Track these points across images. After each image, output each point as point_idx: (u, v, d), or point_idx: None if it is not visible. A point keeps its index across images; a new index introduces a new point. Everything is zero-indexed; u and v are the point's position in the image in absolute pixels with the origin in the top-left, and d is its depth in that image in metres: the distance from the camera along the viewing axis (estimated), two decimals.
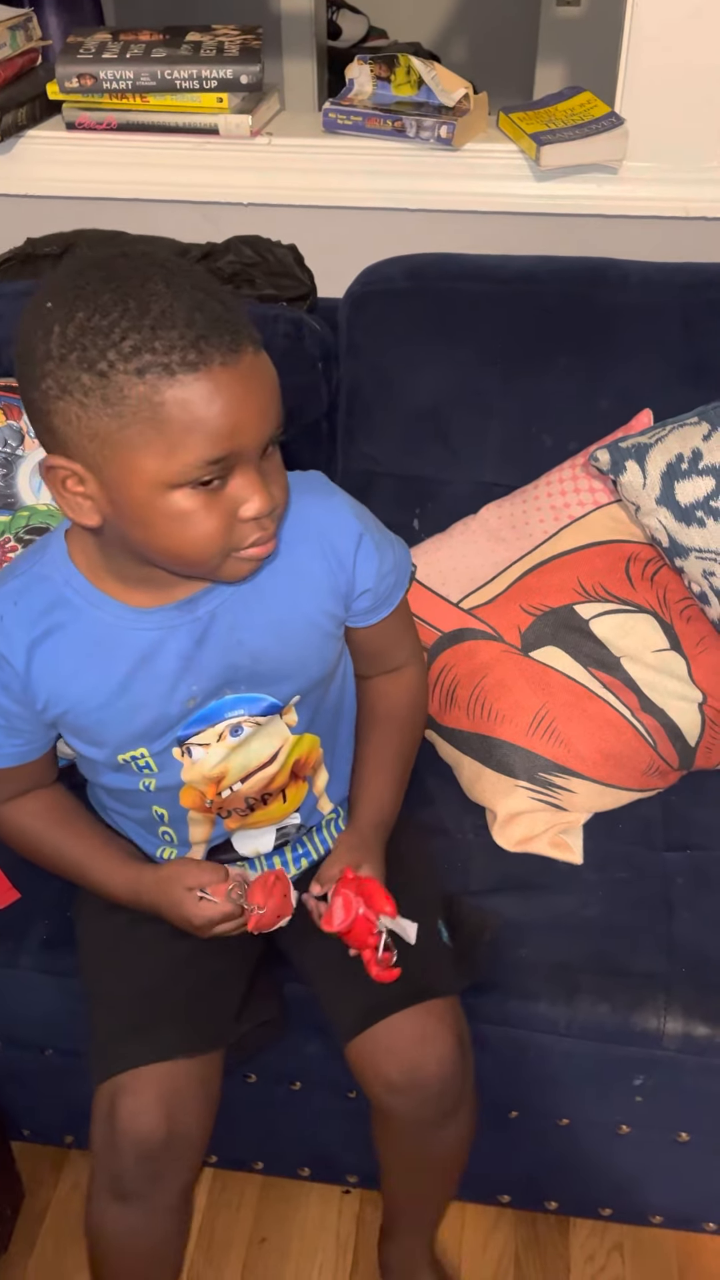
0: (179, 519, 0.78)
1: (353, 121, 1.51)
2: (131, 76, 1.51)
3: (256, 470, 0.79)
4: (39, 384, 0.76)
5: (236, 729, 0.94)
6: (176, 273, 0.75)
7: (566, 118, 1.48)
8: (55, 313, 0.74)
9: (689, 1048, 1.03)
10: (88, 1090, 1.25)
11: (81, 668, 0.89)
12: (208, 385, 0.73)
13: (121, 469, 0.76)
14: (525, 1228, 1.33)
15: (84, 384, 0.74)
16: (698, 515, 1.20)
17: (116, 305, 0.73)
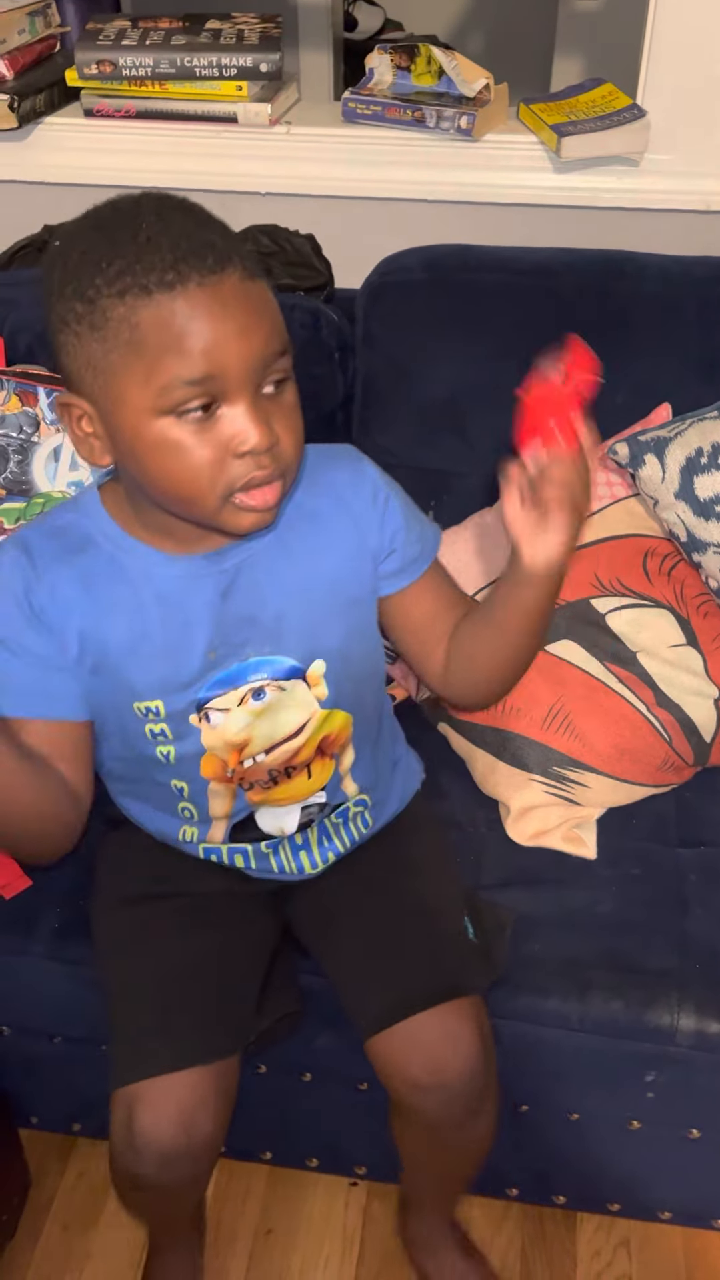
0: (168, 450, 0.76)
1: (372, 111, 1.51)
2: (151, 63, 1.50)
3: (250, 402, 0.76)
4: (50, 322, 0.78)
5: (259, 692, 0.92)
6: (172, 206, 0.77)
7: (588, 109, 1.47)
8: (61, 250, 0.77)
9: (702, 1045, 1.03)
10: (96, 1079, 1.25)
11: (109, 608, 0.88)
12: (183, 304, 0.73)
13: (112, 398, 0.76)
14: (532, 1223, 1.33)
15: (77, 312, 0.75)
16: (716, 510, 1.19)
17: (108, 236, 0.75)
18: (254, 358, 0.75)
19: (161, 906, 1.01)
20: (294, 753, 0.96)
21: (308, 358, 1.40)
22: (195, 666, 0.90)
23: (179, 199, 0.79)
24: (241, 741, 0.93)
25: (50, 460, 1.29)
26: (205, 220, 0.78)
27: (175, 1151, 0.93)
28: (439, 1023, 0.94)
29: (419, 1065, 0.94)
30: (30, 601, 0.86)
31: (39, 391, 1.29)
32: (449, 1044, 0.94)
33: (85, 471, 1.29)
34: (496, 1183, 1.27)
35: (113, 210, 0.78)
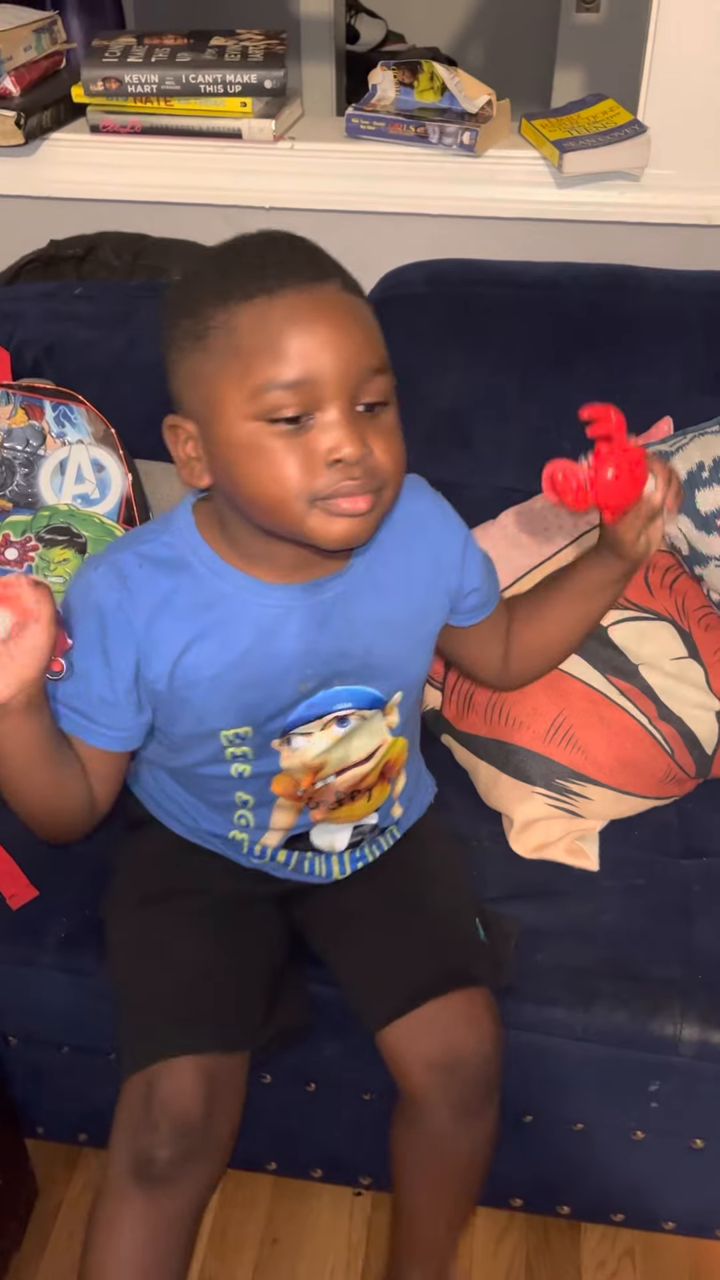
0: (257, 454, 0.77)
1: (375, 127, 1.52)
2: (156, 80, 1.52)
3: (342, 411, 0.76)
4: (162, 346, 0.82)
5: (343, 720, 0.93)
6: (279, 235, 0.81)
7: (589, 125, 1.48)
8: (173, 286, 0.83)
9: (705, 1055, 1.03)
10: (103, 1088, 1.26)
11: (201, 636, 0.87)
12: (281, 307, 0.75)
13: (210, 405, 0.78)
14: (536, 1233, 1.33)
15: (183, 328, 0.79)
16: (718, 524, 1.20)
17: (217, 262, 0.79)
18: (349, 367, 0.76)
19: (180, 905, 1.02)
20: (362, 777, 0.98)
21: None
22: (287, 696, 0.90)
23: (287, 233, 0.82)
24: (319, 765, 0.95)
25: (56, 473, 1.30)
26: (309, 245, 0.81)
27: (195, 1125, 0.91)
28: (456, 1006, 0.96)
29: (437, 1046, 0.95)
30: (114, 628, 0.86)
31: (45, 405, 1.30)
32: (467, 1026, 0.96)
33: (91, 484, 1.30)
34: (500, 1192, 1.27)
35: (224, 245, 0.82)
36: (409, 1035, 0.97)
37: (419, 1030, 0.96)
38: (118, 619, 0.86)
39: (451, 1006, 0.96)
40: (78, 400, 1.31)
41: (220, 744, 0.92)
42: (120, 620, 0.86)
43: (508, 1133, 1.16)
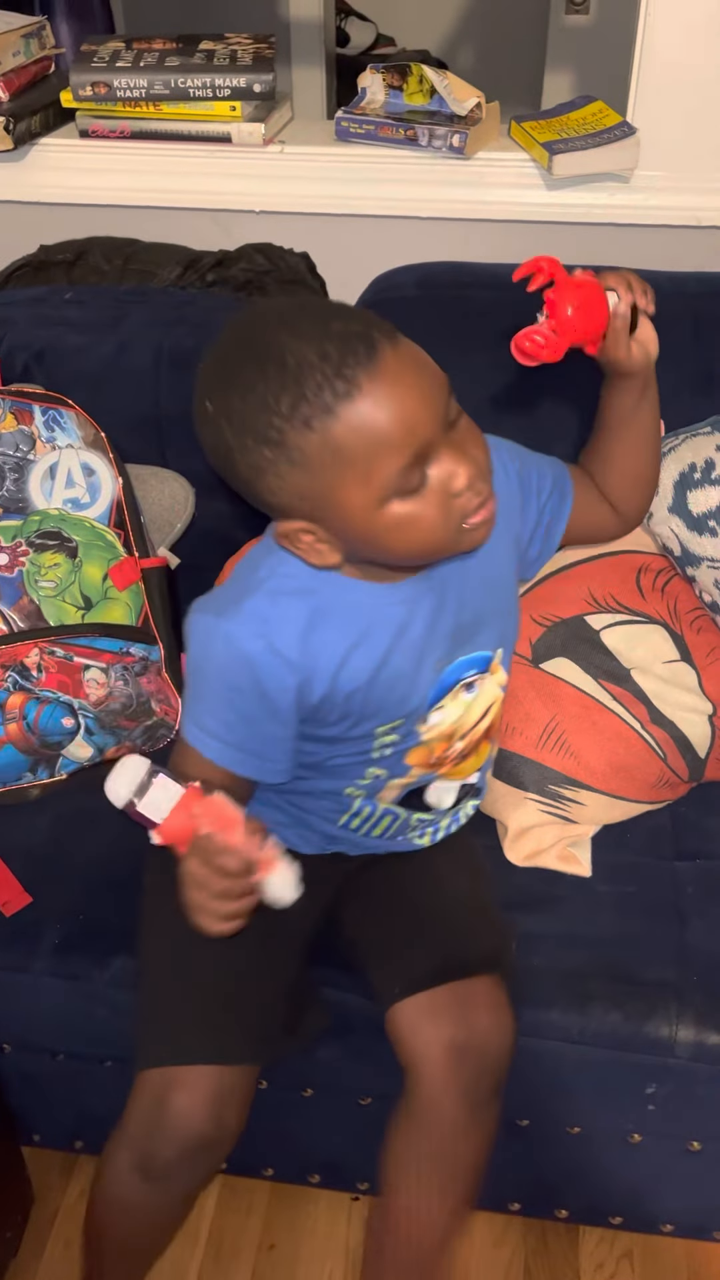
0: (404, 525, 0.81)
1: (365, 130, 1.52)
2: (145, 85, 1.52)
3: (449, 446, 0.80)
4: (239, 472, 0.82)
5: (470, 686, 0.98)
6: (292, 316, 0.80)
7: (579, 127, 1.48)
8: (218, 410, 0.80)
9: (701, 1056, 1.03)
10: (98, 1095, 1.25)
11: (348, 649, 0.90)
12: (368, 404, 0.76)
13: (335, 511, 0.81)
14: (534, 1236, 1.33)
15: (268, 457, 0.79)
16: (710, 525, 1.20)
17: (259, 376, 0.77)
18: (439, 410, 0.79)
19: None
20: (482, 733, 1.03)
21: None
22: (427, 680, 0.95)
23: (283, 301, 0.83)
24: (452, 732, 0.99)
25: (46, 478, 1.30)
26: (323, 311, 0.81)
27: (203, 1140, 0.94)
28: (482, 991, 0.97)
29: (461, 1027, 0.95)
30: (270, 670, 0.88)
31: (34, 409, 1.30)
32: (492, 1012, 0.97)
33: (82, 489, 1.30)
34: (498, 1197, 1.27)
35: (237, 342, 0.80)
36: (430, 1014, 0.96)
37: (441, 1009, 0.96)
38: (271, 660, 0.88)
39: (478, 990, 0.97)
40: (67, 405, 1.30)
41: (372, 740, 0.96)
42: (274, 661, 0.88)
43: (505, 1137, 1.16)
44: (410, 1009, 0.98)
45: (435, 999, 0.97)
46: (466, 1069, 0.96)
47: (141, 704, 1.29)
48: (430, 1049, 0.96)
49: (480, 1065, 0.96)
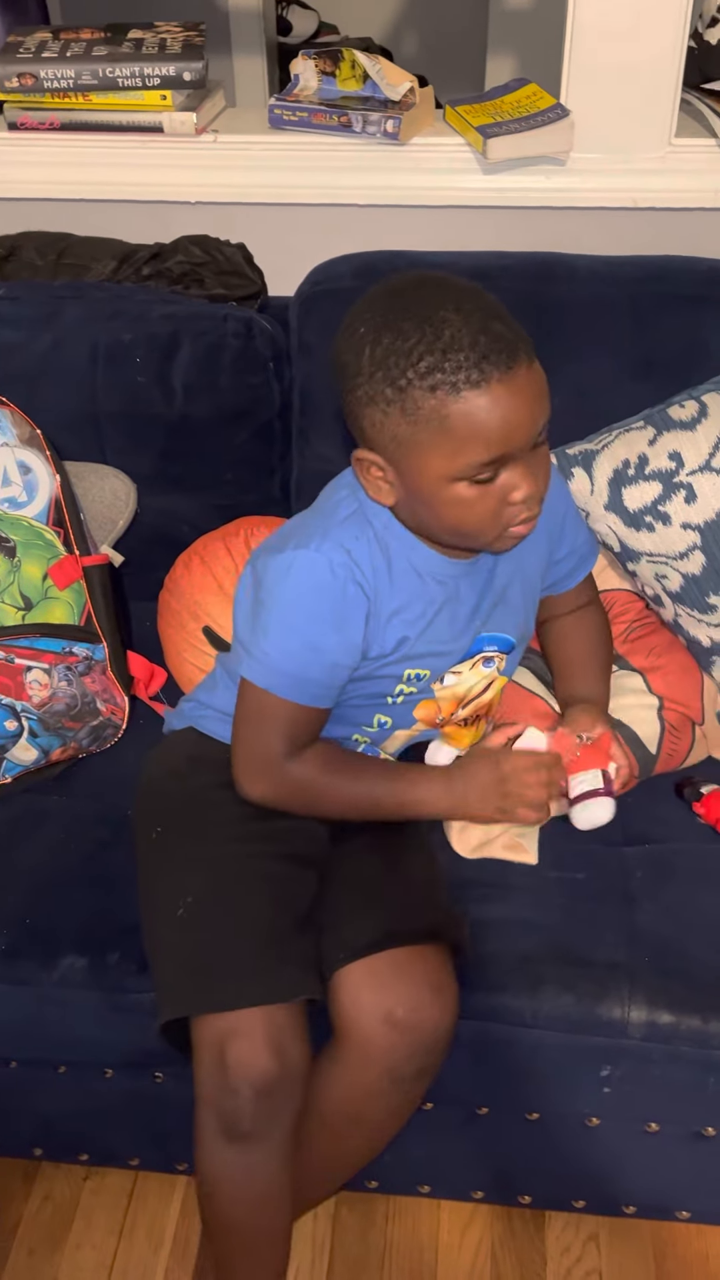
0: (460, 505, 0.92)
1: (298, 117, 1.50)
2: (73, 75, 1.49)
3: (525, 463, 0.92)
4: (354, 393, 0.91)
5: (489, 660, 1.09)
6: (466, 299, 0.88)
7: (513, 110, 1.48)
8: (366, 337, 0.89)
9: (654, 1036, 1.03)
10: (54, 1101, 1.24)
11: (408, 598, 1.01)
12: (487, 399, 0.87)
13: (414, 464, 0.91)
14: (501, 1223, 1.33)
15: (386, 396, 0.89)
16: (646, 520, 1.21)
17: (415, 332, 0.87)
18: (533, 431, 0.91)
19: (250, 849, 1.04)
20: (484, 706, 1.13)
21: (242, 367, 1.40)
22: (465, 641, 1.06)
23: (465, 284, 0.91)
24: (464, 696, 1.09)
25: None
26: (491, 309, 0.89)
27: (271, 1081, 0.94)
28: (428, 965, 0.98)
29: (402, 1001, 0.96)
30: (348, 599, 0.98)
31: None
32: (432, 989, 0.97)
33: (18, 487, 1.27)
34: (461, 1186, 1.27)
35: (410, 297, 0.89)
36: (369, 984, 0.97)
37: (382, 979, 0.97)
38: (351, 587, 0.98)
39: (420, 964, 0.98)
40: (1, 402, 1.28)
41: (397, 682, 1.05)
42: (353, 589, 0.98)
43: (464, 1125, 1.17)
44: (351, 976, 0.98)
45: (376, 967, 0.97)
46: (397, 1046, 0.96)
47: (86, 704, 1.27)
48: (363, 1020, 0.97)
49: (412, 1043, 0.96)
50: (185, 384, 1.38)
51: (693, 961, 1.06)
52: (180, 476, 1.44)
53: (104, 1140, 1.29)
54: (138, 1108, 1.22)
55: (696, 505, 1.20)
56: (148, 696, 1.36)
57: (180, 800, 1.11)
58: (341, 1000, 0.98)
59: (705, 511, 1.19)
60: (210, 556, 1.38)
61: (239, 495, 1.46)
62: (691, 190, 1.47)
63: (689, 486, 1.19)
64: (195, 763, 1.13)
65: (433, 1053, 0.98)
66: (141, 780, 1.16)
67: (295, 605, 0.99)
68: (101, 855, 1.17)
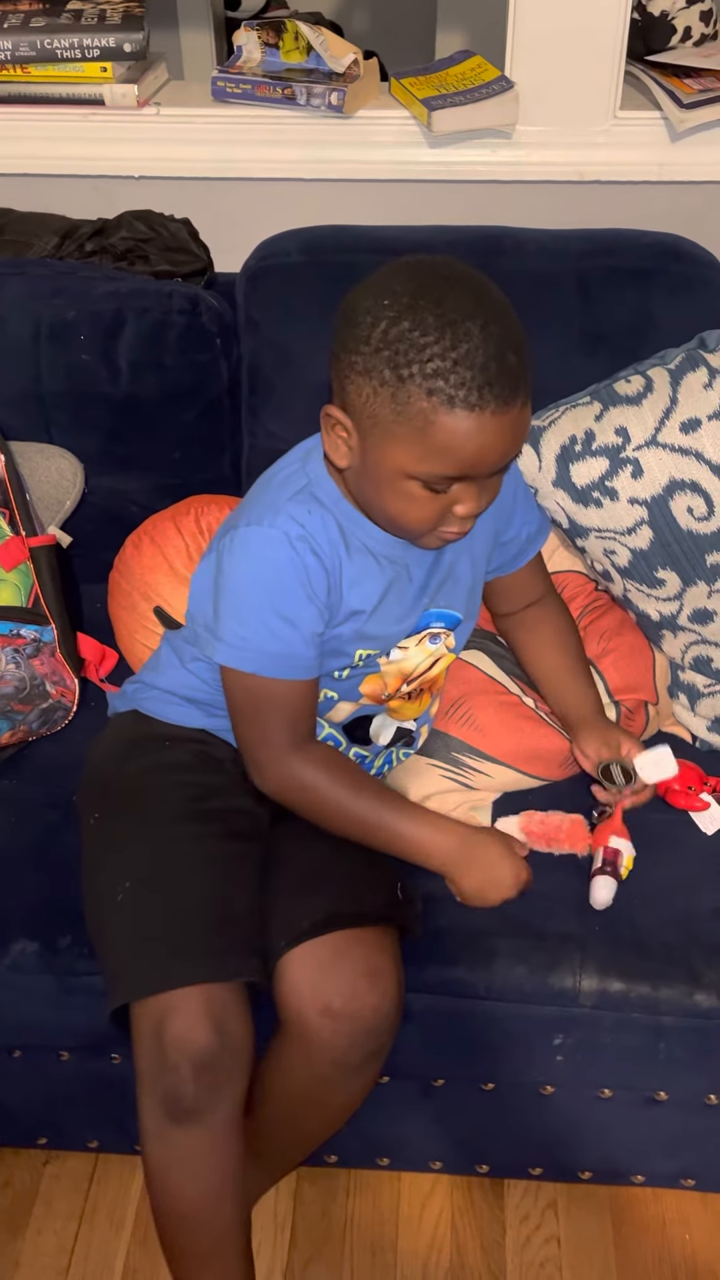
0: (406, 499, 0.94)
1: (242, 90, 1.49)
2: (10, 47, 1.46)
3: (479, 486, 0.94)
4: (350, 356, 0.91)
5: (434, 637, 1.10)
6: (494, 318, 0.88)
7: (458, 82, 1.47)
8: (387, 310, 0.88)
9: (605, 1003, 1.05)
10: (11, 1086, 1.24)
11: (361, 576, 1.02)
12: (474, 424, 0.88)
13: (381, 449, 0.92)
14: (461, 1193, 1.34)
15: (383, 377, 0.89)
16: (594, 496, 1.21)
17: (435, 331, 0.86)
18: (498, 465, 0.93)
19: (192, 831, 1.04)
20: (428, 682, 1.13)
21: (188, 344, 1.38)
22: (412, 621, 1.07)
23: (498, 299, 0.91)
24: (409, 672, 1.10)
25: None
26: (512, 337, 0.89)
27: (210, 1056, 0.93)
28: (364, 950, 0.98)
29: (338, 991, 0.96)
30: (313, 571, 0.98)
31: None
32: (370, 976, 0.97)
33: None
34: (418, 1157, 1.28)
35: (445, 293, 0.88)
36: (309, 973, 0.97)
37: (323, 965, 0.96)
38: (311, 558, 0.98)
39: (360, 948, 0.97)
40: None
41: (352, 658, 1.05)
42: (313, 560, 0.98)
43: (420, 1098, 1.17)
44: (291, 965, 0.97)
45: (316, 954, 0.97)
46: (338, 1035, 0.96)
47: (36, 687, 1.26)
48: (303, 1011, 0.97)
49: (352, 1031, 0.96)
50: (131, 362, 1.37)
51: (643, 931, 1.08)
52: (128, 456, 1.42)
53: (62, 1123, 1.29)
54: (95, 1090, 1.21)
55: (643, 480, 1.20)
56: (99, 678, 1.34)
57: (119, 784, 1.10)
58: (284, 990, 0.98)
59: (652, 486, 1.20)
60: (160, 536, 1.36)
61: (188, 474, 1.44)
62: (636, 163, 1.48)
63: (635, 461, 1.20)
64: (135, 745, 1.12)
65: (377, 1036, 0.98)
66: (85, 767, 1.15)
67: (259, 581, 0.99)
68: (51, 839, 1.16)
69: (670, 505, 1.19)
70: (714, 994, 1.04)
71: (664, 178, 1.48)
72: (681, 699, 1.30)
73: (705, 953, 1.06)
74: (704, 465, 1.18)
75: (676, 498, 1.19)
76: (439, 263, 0.93)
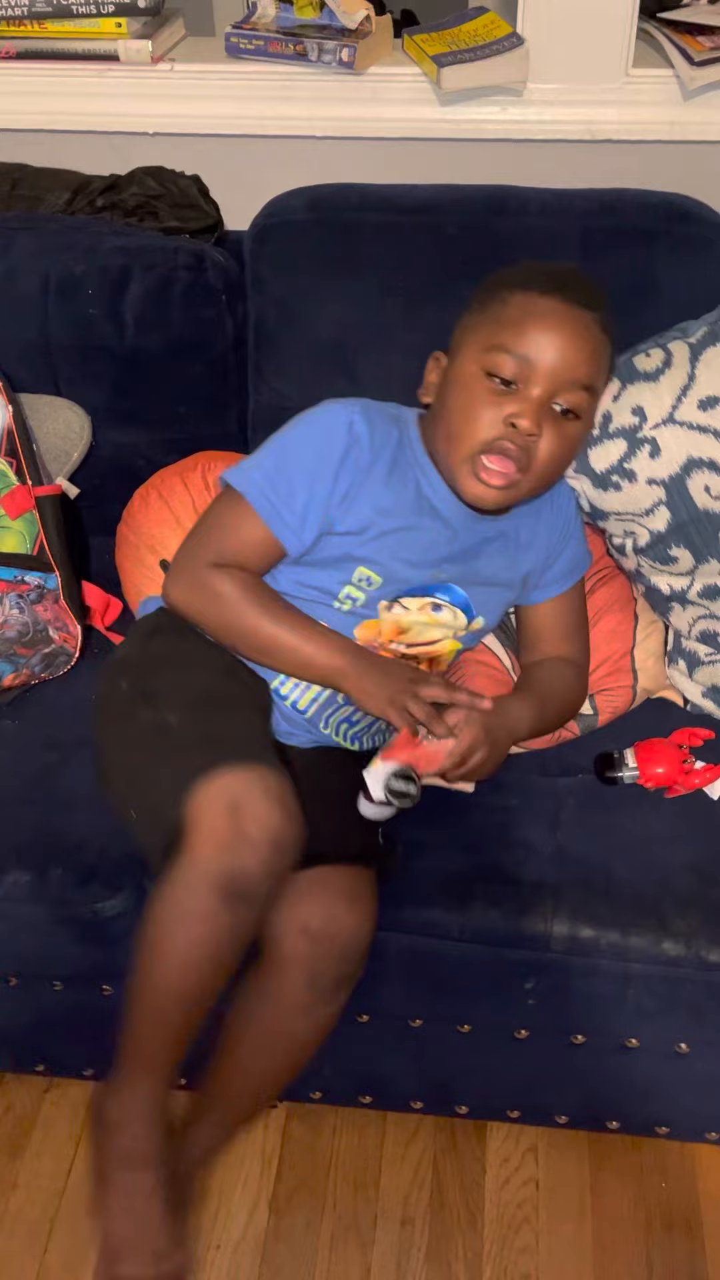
0: (466, 389, 1.04)
1: (254, 46, 1.49)
2: (26, 2, 1.48)
3: (537, 398, 1.02)
4: (469, 309, 1.10)
5: (437, 607, 1.14)
6: (587, 277, 1.09)
7: (469, 39, 1.46)
8: (505, 281, 1.08)
9: (575, 949, 1.07)
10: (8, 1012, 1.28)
11: (397, 499, 1.09)
12: (542, 306, 1.03)
13: (460, 347, 1.06)
14: (444, 1135, 1.38)
15: (481, 299, 1.08)
16: (613, 480, 1.20)
17: (546, 267, 1.10)
18: (561, 368, 1.02)
19: (231, 675, 1.10)
20: (430, 655, 1.18)
21: (194, 300, 1.40)
22: (424, 575, 1.11)
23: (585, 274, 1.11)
24: (404, 628, 1.14)
25: None
26: (596, 285, 1.08)
27: (285, 835, 0.94)
28: (343, 880, 1.02)
29: (319, 913, 1.00)
30: (352, 455, 1.07)
31: None
32: (349, 903, 1.01)
33: None
34: (400, 1097, 1.32)
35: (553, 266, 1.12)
36: (290, 897, 1.00)
37: (302, 893, 1.00)
38: (358, 449, 1.08)
39: (341, 880, 1.02)
40: None
41: (350, 577, 1.10)
42: (358, 451, 1.08)
43: (400, 1038, 1.21)
44: (272, 894, 1.00)
45: (296, 883, 1.00)
46: (315, 956, 1.00)
47: (39, 631, 1.30)
48: (282, 930, 1.00)
49: (329, 953, 1.00)
50: (136, 317, 1.39)
51: (615, 881, 1.10)
52: (134, 410, 1.45)
53: (58, 1052, 1.34)
54: (87, 1020, 1.26)
55: (661, 459, 1.19)
56: (104, 626, 1.38)
57: (148, 654, 1.14)
58: (264, 917, 1.01)
59: (670, 465, 1.18)
60: (168, 491, 1.39)
61: (194, 429, 1.47)
62: (648, 122, 1.46)
63: (653, 441, 1.18)
64: (158, 630, 1.16)
65: (349, 961, 1.01)
66: (105, 666, 1.18)
67: (302, 440, 1.09)
68: (48, 777, 1.20)
69: (688, 484, 1.18)
70: (682, 943, 1.06)
71: (675, 137, 1.46)
72: (681, 664, 1.31)
73: (676, 904, 1.08)
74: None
75: (694, 476, 1.18)
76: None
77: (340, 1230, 1.30)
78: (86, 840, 1.13)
